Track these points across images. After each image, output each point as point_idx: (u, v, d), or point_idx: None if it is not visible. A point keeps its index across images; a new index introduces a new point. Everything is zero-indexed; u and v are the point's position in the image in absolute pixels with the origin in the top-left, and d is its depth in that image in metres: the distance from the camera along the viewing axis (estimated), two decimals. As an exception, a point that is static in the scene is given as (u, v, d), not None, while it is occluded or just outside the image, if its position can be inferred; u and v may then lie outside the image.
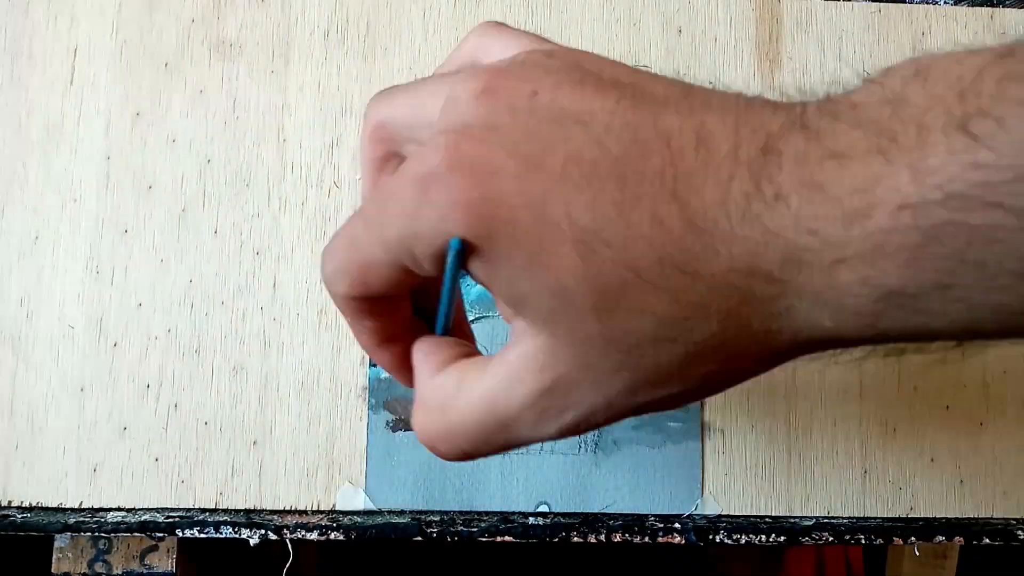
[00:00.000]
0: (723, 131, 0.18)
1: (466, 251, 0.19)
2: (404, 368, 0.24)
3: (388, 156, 0.23)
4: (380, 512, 0.38)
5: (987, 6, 0.43)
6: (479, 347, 0.39)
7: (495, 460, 0.39)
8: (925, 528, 0.40)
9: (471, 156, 0.18)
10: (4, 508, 0.38)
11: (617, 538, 0.39)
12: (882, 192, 0.16)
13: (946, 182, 0.16)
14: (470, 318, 0.40)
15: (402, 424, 0.39)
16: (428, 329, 0.24)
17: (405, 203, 0.19)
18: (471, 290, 0.40)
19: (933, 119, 0.16)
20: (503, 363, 0.20)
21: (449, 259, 0.19)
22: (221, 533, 0.38)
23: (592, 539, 0.38)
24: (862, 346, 0.19)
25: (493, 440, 0.21)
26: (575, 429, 0.21)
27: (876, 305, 0.17)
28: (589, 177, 0.18)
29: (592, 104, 0.19)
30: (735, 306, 0.18)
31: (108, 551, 0.41)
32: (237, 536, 0.38)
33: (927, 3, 0.43)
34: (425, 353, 0.23)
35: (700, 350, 0.19)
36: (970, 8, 0.43)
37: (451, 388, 0.21)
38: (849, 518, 0.40)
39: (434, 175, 0.19)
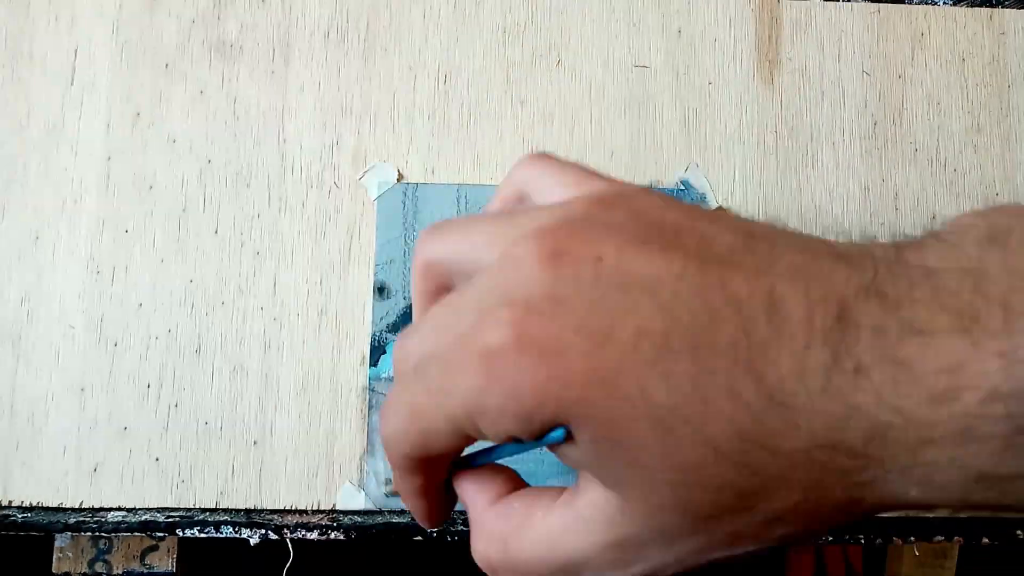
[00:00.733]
0: (794, 296, 0.17)
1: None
2: (430, 503, 0.24)
3: (439, 289, 0.23)
4: (380, 512, 0.38)
5: (986, 6, 0.43)
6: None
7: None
8: (925, 528, 0.40)
9: (537, 334, 0.18)
10: (4, 508, 0.38)
11: (617, 538, 0.38)
12: (970, 376, 0.16)
13: None
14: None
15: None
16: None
17: (471, 379, 0.18)
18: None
19: (1019, 301, 0.16)
20: (571, 508, 0.20)
21: (543, 442, 0.19)
22: (221, 533, 0.38)
23: (592, 539, 0.38)
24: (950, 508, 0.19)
25: None
26: None
27: (967, 484, 0.17)
28: (661, 350, 0.17)
29: (658, 268, 0.18)
30: (817, 478, 0.18)
31: (108, 551, 0.41)
32: (237, 536, 0.38)
33: (926, 3, 0.43)
34: (478, 484, 0.23)
35: (779, 516, 0.18)
36: (969, 8, 0.43)
37: (515, 521, 0.22)
38: (848, 518, 0.40)
39: (500, 354, 0.18)
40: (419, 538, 0.38)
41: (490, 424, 0.19)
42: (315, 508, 0.38)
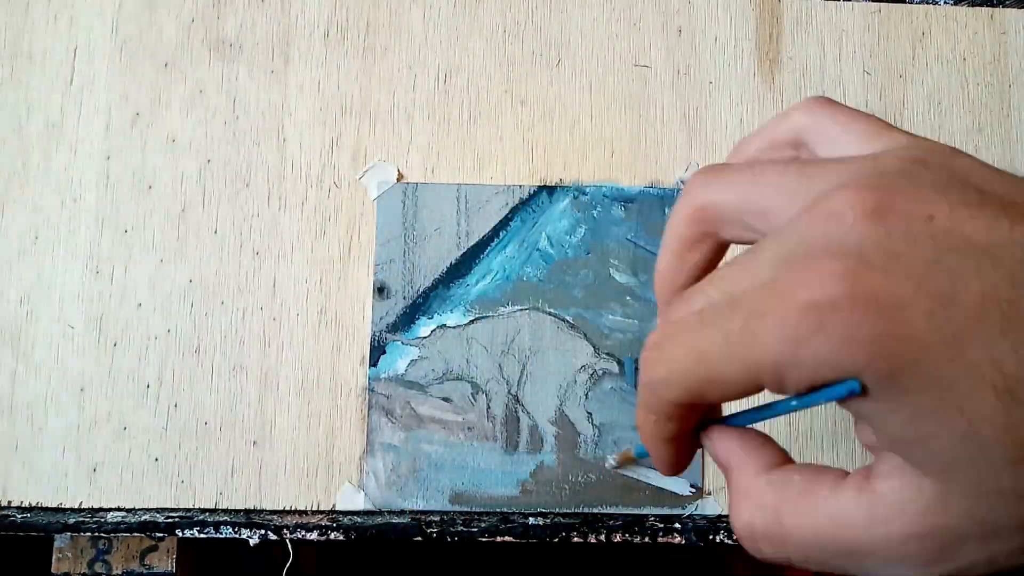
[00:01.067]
0: None
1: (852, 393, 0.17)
2: (675, 458, 0.23)
3: (703, 237, 0.22)
4: (380, 512, 0.38)
5: (987, 6, 0.43)
6: (478, 346, 0.39)
7: (495, 460, 0.39)
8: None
9: (875, 288, 0.17)
10: (4, 508, 0.38)
11: (617, 538, 0.38)
12: None
13: None
14: (469, 318, 0.40)
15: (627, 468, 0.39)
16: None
17: (790, 328, 0.17)
18: (471, 290, 0.40)
19: None
20: (867, 490, 0.19)
21: (830, 393, 0.18)
22: (221, 533, 0.38)
23: (592, 539, 0.38)
24: None
25: (830, 562, 0.20)
26: None
27: None
28: (1010, 319, 0.16)
29: (999, 234, 0.17)
30: None
31: (108, 551, 0.41)
32: (237, 536, 0.38)
33: (927, 3, 0.43)
34: (747, 448, 0.22)
35: None
36: (970, 8, 0.43)
37: (792, 493, 0.20)
38: (849, 518, 0.40)
39: (833, 306, 0.17)
40: (419, 539, 0.38)
41: (804, 378, 0.18)
42: (314, 508, 0.38)
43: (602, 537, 0.38)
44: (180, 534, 0.38)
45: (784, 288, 0.18)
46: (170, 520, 0.38)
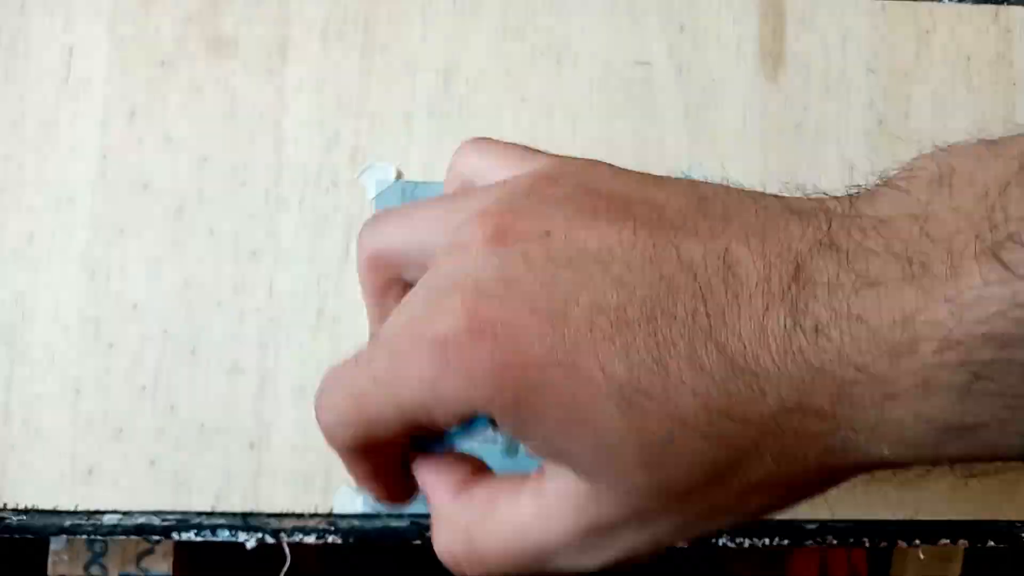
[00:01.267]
0: (750, 256, 0.17)
1: (494, 420, 0.18)
2: (387, 485, 0.24)
3: (389, 283, 0.23)
4: (378, 515, 0.38)
5: (992, 3, 0.43)
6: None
7: (496, 462, 0.38)
8: (930, 530, 0.39)
9: (490, 318, 0.17)
10: (-2, 511, 0.38)
11: (619, 541, 0.38)
12: (923, 326, 0.15)
13: (986, 318, 0.15)
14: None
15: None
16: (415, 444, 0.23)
17: (423, 368, 0.18)
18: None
19: (964, 244, 0.15)
20: (539, 495, 0.20)
21: (477, 426, 0.19)
22: (218, 536, 0.38)
23: (593, 542, 0.38)
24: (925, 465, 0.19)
25: (524, 567, 0.21)
26: (617, 563, 0.20)
27: (935, 436, 0.17)
28: (618, 325, 0.17)
29: (609, 240, 0.18)
30: (789, 444, 0.17)
31: (104, 554, 0.41)
32: (234, 539, 0.38)
33: (932, 1, 0.43)
34: (437, 472, 0.23)
35: (754, 487, 0.18)
36: (975, 5, 0.43)
37: (479, 511, 0.21)
38: (853, 520, 0.39)
39: (453, 341, 0.17)
40: (418, 542, 0.38)
41: (445, 415, 0.18)
42: (312, 511, 0.38)
43: (603, 540, 0.38)
44: (177, 537, 0.37)
45: (417, 327, 0.18)
46: (167, 523, 0.37)
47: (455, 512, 0.22)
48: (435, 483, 0.23)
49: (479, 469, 0.23)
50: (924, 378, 0.16)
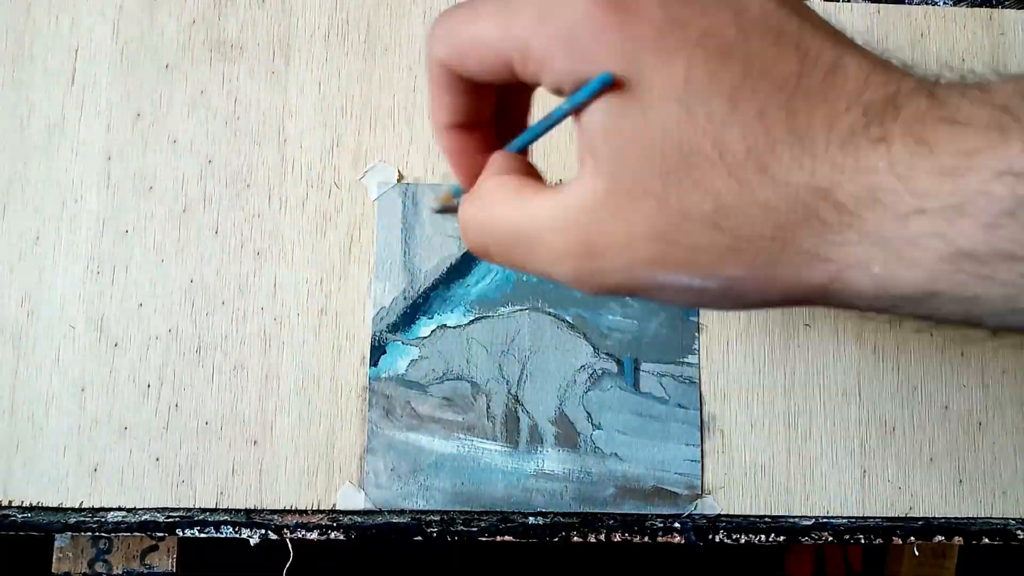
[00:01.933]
0: (857, 71, 0.19)
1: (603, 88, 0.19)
2: (459, 159, 0.25)
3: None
4: (380, 512, 0.39)
5: (986, 7, 0.43)
6: (478, 345, 0.39)
7: (495, 460, 0.39)
8: (924, 528, 0.40)
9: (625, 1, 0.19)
10: (4, 508, 0.38)
11: (617, 538, 0.39)
12: (986, 158, 0.17)
13: None
14: (469, 318, 0.40)
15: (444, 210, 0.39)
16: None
17: (549, 9, 0.20)
18: (471, 291, 0.40)
19: None
20: (558, 190, 0.21)
21: (585, 89, 0.19)
22: (221, 533, 0.38)
23: (592, 539, 0.38)
24: (876, 314, 0.20)
25: (513, 252, 0.22)
26: (581, 279, 0.21)
27: (937, 264, 0.18)
28: (720, 53, 0.19)
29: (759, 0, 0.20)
30: (795, 220, 0.19)
31: (108, 551, 0.41)
32: (237, 536, 0.38)
33: (926, 4, 0.43)
34: (501, 157, 0.24)
35: (741, 249, 0.19)
36: (969, 9, 0.43)
37: (508, 191, 0.23)
38: (848, 518, 0.40)
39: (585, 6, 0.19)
40: (419, 538, 0.38)
41: (542, 58, 0.20)
42: (315, 508, 0.38)
43: (602, 537, 0.38)
44: (180, 534, 0.38)
45: None
46: (170, 520, 0.38)
47: (488, 186, 0.24)
48: (492, 164, 0.24)
49: (538, 174, 0.24)
50: (962, 200, 0.17)
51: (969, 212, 0.17)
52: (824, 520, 0.40)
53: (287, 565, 0.40)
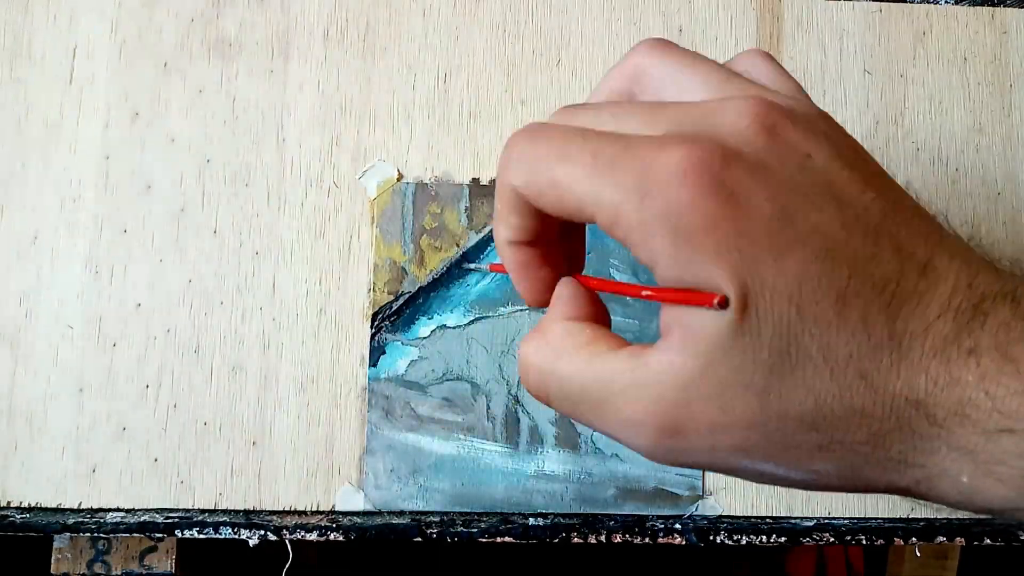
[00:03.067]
0: (948, 273, 0.19)
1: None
2: (523, 274, 0.25)
3: (626, 92, 0.23)
4: (380, 513, 0.38)
5: (988, 5, 0.43)
6: (478, 346, 0.39)
7: (495, 460, 0.39)
8: (926, 529, 0.40)
9: (738, 183, 0.19)
10: (3, 509, 0.38)
11: (617, 539, 0.38)
12: None
13: None
14: (469, 318, 0.40)
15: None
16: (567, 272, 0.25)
17: (649, 175, 0.19)
18: (471, 291, 0.40)
19: None
20: (640, 357, 0.21)
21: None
22: (220, 534, 0.38)
23: (592, 539, 0.38)
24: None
25: (578, 408, 0.22)
26: (658, 452, 0.21)
27: (1023, 481, 0.18)
28: (827, 253, 0.19)
29: (857, 191, 0.20)
30: (888, 428, 0.19)
31: (107, 552, 0.41)
32: (236, 537, 0.38)
33: (928, 2, 0.43)
34: (570, 294, 0.24)
35: (834, 449, 0.19)
36: (971, 7, 0.43)
37: (579, 341, 0.22)
38: (850, 518, 0.40)
39: (695, 175, 0.19)
40: (419, 539, 0.38)
41: (641, 234, 0.19)
42: (314, 509, 0.38)
43: (602, 537, 0.38)
44: (179, 535, 0.38)
45: (668, 146, 0.19)
46: (169, 521, 0.38)
47: (558, 330, 0.23)
48: (562, 300, 0.24)
49: (607, 322, 0.24)
50: None
51: None
52: (826, 521, 0.39)
53: (286, 566, 0.40)
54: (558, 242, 0.25)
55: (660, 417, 0.20)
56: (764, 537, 0.39)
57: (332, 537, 0.38)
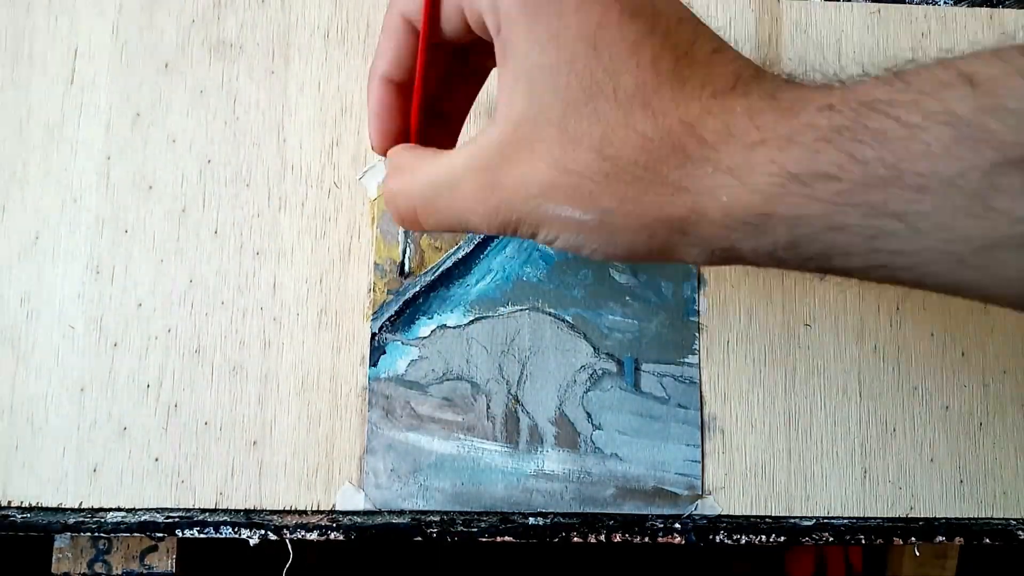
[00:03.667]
0: (735, 56, 0.24)
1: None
2: (381, 112, 0.28)
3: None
4: (380, 512, 0.38)
5: (986, 6, 0.43)
6: (478, 346, 0.39)
7: (495, 460, 0.39)
8: (925, 528, 0.40)
9: None
10: (4, 508, 0.38)
11: (617, 538, 0.38)
12: (813, 99, 0.21)
13: (864, 98, 0.21)
14: (469, 318, 0.40)
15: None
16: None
17: None
18: (471, 291, 0.40)
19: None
20: (474, 138, 0.24)
21: None
22: (221, 533, 0.38)
23: (592, 539, 0.38)
24: (730, 258, 0.23)
25: (438, 204, 0.25)
26: (488, 216, 0.24)
27: (771, 187, 0.21)
28: (632, 11, 0.22)
29: None
30: (664, 151, 0.22)
31: (108, 551, 0.41)
32: (237, 536, 0.38)
33: (926, 3, 0.43)
34: (415, 136, 0.28)
35: (618, 176, 0.22)
36: (969, 8, 0.43)
37: (426, 154, 0.26)
38: (849, 518, 0.40)
39: None
40: (419, 539, 0.38)
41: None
42: (315, 508, 0.38)
43: (602, 537, 0.38)
44: (180, 534, 0.38)
45: None
46: (170, 520, 0.38)
47: (406, 156, 0.27)
48: (407, 146, 0.28)
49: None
50: (792, 130, 0.21)
51: (797, 140, 0.21)
52: (825, 520, 0.40)
53: (287, 565, 0.40)
54: (420, 98, 0.28)
55: (485, 179, 0.23)
56: (763, 537, 0.39)
57: (332, 537, 0.38)
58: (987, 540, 0.40)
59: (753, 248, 0.22)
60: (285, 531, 0.38)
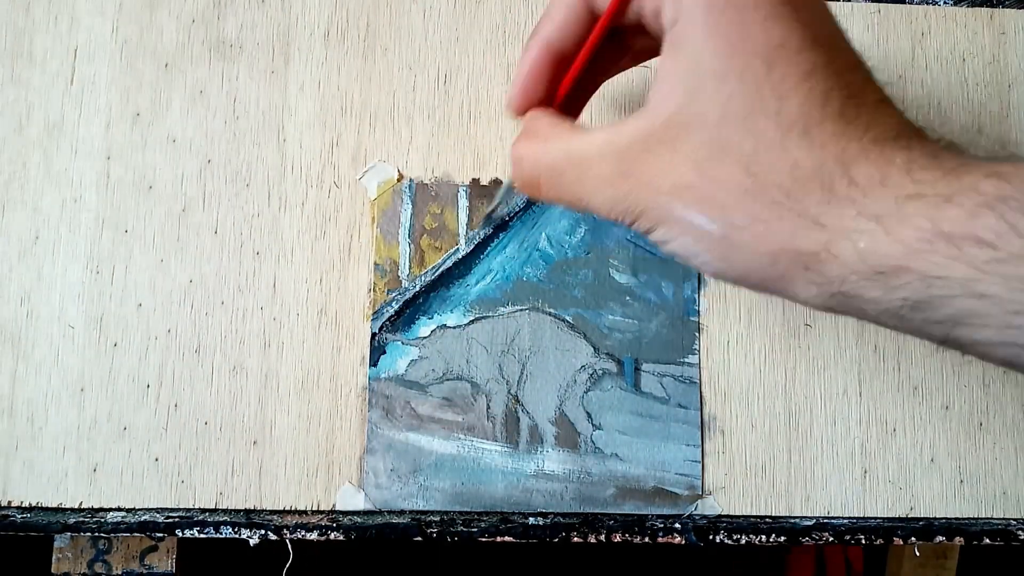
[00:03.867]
0: (897, 112, 0.24)
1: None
2: (531, 72, 0.28)
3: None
4: (380, 512, 0.38)
5: (987, 6, 0.43)
6: (478, 346, 0.39)
7: (495, 460, 0.39)
8: (925, 528, 0.40)
9: None
10: (4, 508, 0.38)
11: (617, 538, 0.38)
12: (978, 166, 0.21)
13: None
14: (469, 318, 0.40)
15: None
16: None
17: None
18: (471, 291, 0.40)
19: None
20: (618, 122, 0.24)
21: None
22: (221, 533, 0.38)
23: (592, 539, 0.38)
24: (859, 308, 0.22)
25: (563, 179, 0.25)
26: (611, 203, 0.24)
27: (917, 241, 0.20)
28: (813, 37, 0.22)
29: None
30: (812, 182, 0.21)
31: (108, 551, 0.41)
32: (237, 536, 0.38)
33: (927, 3, 0.43)
34: (559, 105, 0.28)
35: (756, 195, 0.22)
36: (970, 8, 0.43)
37: (564, 127, 0.26)
38: (849, 518, 0.40)
39: None
40: (419, 539, 0.38)
41: None
42: (315, 508, 0.38)
43: (602, 537, 0.38)
44: (180, 534, 0.38)
45: None
46: (170, 520, 0.38)
47: (545, 122, 0.27)
48: (544, 111, 0.28)
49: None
50: (952, 192, 0.20)
51: (956, 201, 0.20)
52: (825, 520, 0.40)
53: (287, 565, 0.40)
54: (572, 74, 0.28)
55: (618, 165, 0.23)
56: (763, 537, 0.39)
57: (332, 536, 0.38)
58: (987, 540, 0.40)
59: (876, 299, 0.21)
60: (285, 531, 0.38)
